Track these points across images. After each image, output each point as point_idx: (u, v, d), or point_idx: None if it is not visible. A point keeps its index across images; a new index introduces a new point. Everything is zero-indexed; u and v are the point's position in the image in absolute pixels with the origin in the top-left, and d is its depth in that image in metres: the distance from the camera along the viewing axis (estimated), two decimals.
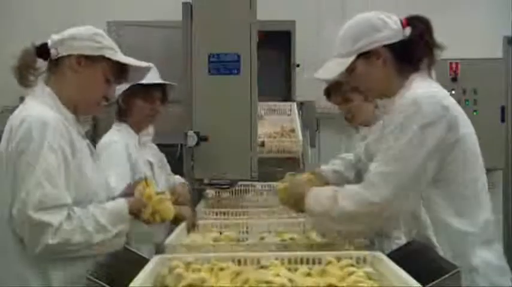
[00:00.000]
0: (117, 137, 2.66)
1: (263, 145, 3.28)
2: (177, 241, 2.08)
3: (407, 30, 1.98)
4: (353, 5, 5.11)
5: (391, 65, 1.99)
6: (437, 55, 1.99)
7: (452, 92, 4.63)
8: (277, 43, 4.68)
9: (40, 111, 1.89)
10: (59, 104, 1.97)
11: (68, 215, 1.82)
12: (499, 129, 4.76)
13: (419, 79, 1.97)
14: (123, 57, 2.08)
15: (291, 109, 3.86)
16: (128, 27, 4.60)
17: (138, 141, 2.77)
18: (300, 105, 4.27)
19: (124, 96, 2.70)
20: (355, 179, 2.62)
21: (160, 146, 3.04)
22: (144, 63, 2.15)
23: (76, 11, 4.95)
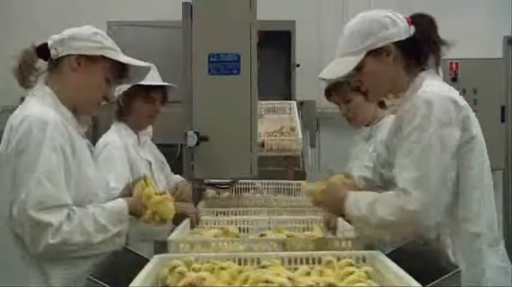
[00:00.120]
0: (115, 137, 2.65)
1: (263, 144, 3.28)
2: (179, 237, 2.07)
3: (412, 28, 1.97)
4: (353, 5, 5.12)
5: (400, 63, 1.98)
6: (443, 52, 1.99)
7: None
8: (277, 43, 4.69)
9: (40, 110, 1.89)
10: (59, 104, 1.97)
11: (68, 215, 1.82)
12: (499, 129, 4.75)
13: (429, 77, 1.97)
14: (123, 57, 2.08)
15: (290, 108, 3.85)
16: (128, 27, 4.60)
17: (137, 140, 2.77)
18: (300, 105, 4.27)
19: (124, 97, 2.70)
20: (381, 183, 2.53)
21: (160, 146, 3.03)
22: (144, 63, 2.16)
23: (76, 11, 4.96)
